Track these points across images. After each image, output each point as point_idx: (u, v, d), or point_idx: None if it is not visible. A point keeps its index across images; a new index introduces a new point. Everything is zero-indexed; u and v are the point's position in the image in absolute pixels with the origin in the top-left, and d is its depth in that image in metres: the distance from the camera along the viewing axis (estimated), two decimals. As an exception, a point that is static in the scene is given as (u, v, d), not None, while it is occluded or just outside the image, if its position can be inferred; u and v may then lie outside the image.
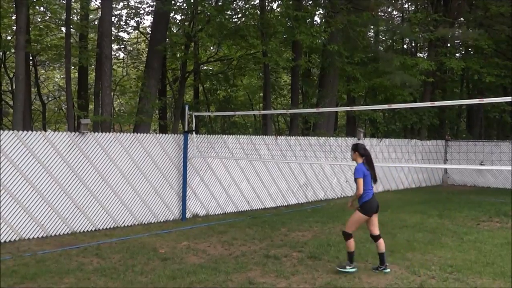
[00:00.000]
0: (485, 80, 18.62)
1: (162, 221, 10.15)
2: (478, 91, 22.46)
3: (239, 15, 15.94)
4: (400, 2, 21.80)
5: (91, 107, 18.01)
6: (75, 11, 16.27)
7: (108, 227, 9.28)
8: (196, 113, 11.74)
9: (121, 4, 17.09)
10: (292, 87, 18.15)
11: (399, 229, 9.37)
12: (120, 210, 9.51)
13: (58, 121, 24.23)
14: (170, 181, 10.34)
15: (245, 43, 15.78)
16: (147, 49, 16.50)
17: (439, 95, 20.79)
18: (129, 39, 21.60)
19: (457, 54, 22.70)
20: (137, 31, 20.16)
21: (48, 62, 20.18)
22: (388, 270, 6.41)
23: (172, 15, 16.20)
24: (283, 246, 7.85)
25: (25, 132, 8.31)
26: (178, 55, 17.68)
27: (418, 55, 23.69)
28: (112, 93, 16.22)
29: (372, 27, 19.65)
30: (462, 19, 21.68)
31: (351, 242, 6.35)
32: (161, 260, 6.92)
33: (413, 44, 24.52)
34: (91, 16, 18.79)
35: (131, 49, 21.77)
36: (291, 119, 17.48)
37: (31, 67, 16.00)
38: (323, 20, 18.27)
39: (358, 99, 21.72)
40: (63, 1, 15.72)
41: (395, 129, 21.58)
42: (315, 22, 19.33)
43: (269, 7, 17.42)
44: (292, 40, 16.07)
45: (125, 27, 18.34)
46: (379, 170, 15.78)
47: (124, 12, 17.40)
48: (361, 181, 6.25)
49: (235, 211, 11.58)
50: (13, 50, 14.04)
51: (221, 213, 11.30)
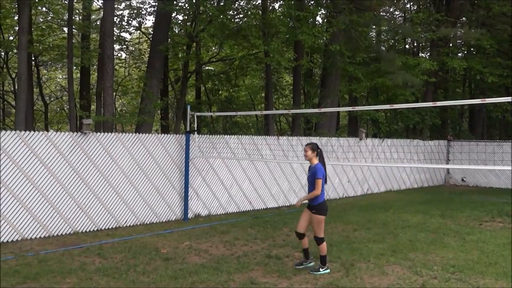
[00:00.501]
0: (487, 80, 18.59)
1: (164, 221, 10.16)
2: (480, 91, 22.42)
3: (241, 15, 15.96)
4: (402, 2, 21.77)
5: (93, 107, 18.06)
6: (77, 11, 16.30)
7: (110, 227, 9.29)
8: (198, 113, 11.74)
9: (123, 4, 17.15)
10: (294, 87, 18.18)
11: (401, 229, 9.37)
12: (122, 210, 9.53)
13: (60, 121, 24.27)
14: (172, 181, 10.35)
15: (247, 43, 15.80)
16: (149, 49, 16.55)
17: (441, 95, 20.75)
18: (131, 39, 21.64)
19: (459, 54, 22.66)
20: (139, 31, 20.19)
21: (50, 62, 20.23)
22: (313, 264, 6.61)
23: (174, 15, 16.25)
24: (285, 246, 7.85)
25: (27, 132, 8.32)
26: (180, 55, 17.71)
27: (420, 55, 23.66)
28: (114, 93, 16.28)
29: (374, 27, 19.59)
30: (464, 18, 21.66)
31: (324, 246, 6.41)
32: (163, 260, 6.93)
33: (415, 44, 24.49)
34: (93, 17, 18.85)
35: (133, 49, 21.82)
36: (293, 119, 17.50)
37: (33, 67, 16.03)
38: (325, 20, 18.27)
39: (360, 99, 21.69)
40: (65, 2, 15.75)
41: (397, 129, 21.57)
42: (317, 22, 19.32)
43: (271, 7, 17.44)
44: (294, 40, 16.08)
45: (127, 27, 18.41)
46: (381, 170, 15.83)
47: (126, 12, 17.48)
48: (321, 181, 6.28)
49: (237, 211, 11.59)
50: (15, 50, 14.11)
51: (223, 213, 11.31)
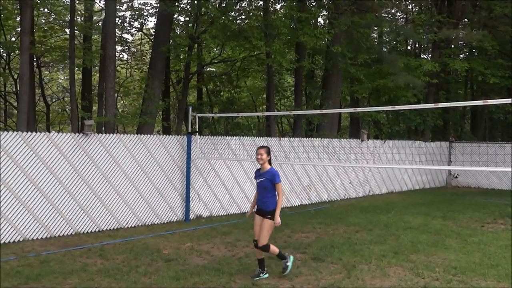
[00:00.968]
0: (489, 82, 18.56)
1: (165, 222, 10.16)
2: (482, 92, 22.40)
3: (243, 17, 15.97)
4: (404, 3, 21.76)
5: (95, 108, 18.07)
6: (79, 12, 16.35)
7: (111, 228, 9.29)
8: (200, 115, 11.73)
9: (125, 5, 17.16)
10: (295, 88, 18.17)
11: (403, 230, 9.35)
12: (124, 211, 9.53)
13: (62, 122, 24.31)
14: (173, 183, 10.35)
15: (248, 44, 15.80)
16: (150, 51, 16.55)
17: (443, 96, 20.73)
18: (132, 40, 21.67)
19: (461, 55, 22.64)
20: (140, 32, 20.22)
21: (52, 63, 20.25)
22: (267, 275, 6.15)
23: (175, 16, 16.25)
24: (287, 248, 7.83)
25: (29, 133, 8.34)
26: (182, 57, 17.71)
27: (422, 56, 23.64)
28: (116, 94, 16.28)
29: (375, 28, 19.62)
30: (466, 20, 21.62)
31: (273, 247, 6.06)
32: (164, 261, 6.93)
33: (417, 45, 24.49)
34: (95, 18, 18.87)
35: (135, 50, 21.85)
36: (294, 120, 17.50)
37: (35, 68, 16.07)
38: (327, 22, 18.27)
39: (362, 101, 21.69)
40: (67, 3, 15.78)
41: (399, 131, 21.55)
42: (318, 24, 19.33)
43: (272, 9, 17.44)
44: (296, 42, 16.08)
45: (129, 28, 18.46)
46: (383, 171, 15.80)
47: (128, 13, 17.49)
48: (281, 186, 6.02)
49: (239, 212, 11.57)
50: (17, 52, 14.12)
51: (224, 214, 11.30)
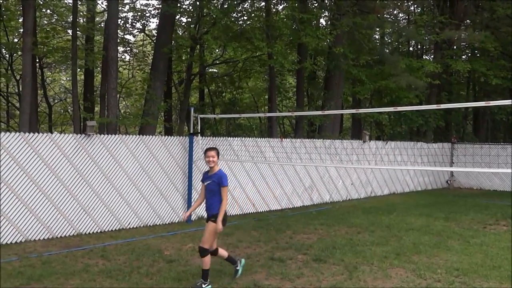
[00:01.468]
0: (491, 83, 18.54)
1: (167, 223, 10.17)
2: (484, 93, 22.37)
3: (245, 18, 15.98)
4: (406, 4, 21.75)
5: (97, 109, 18.10)
6: (81, 13, 16.33)
7: (113, 229, 9.30)
8: (202, 115, 11.75)
9: (127, 6, 17.19)
10: (297, 89, 18.17)
11: (405, 232, 9.34)
12: (126, 212, 9.54)
13: (64, 123, 24.36)
14: (175, 183, 10.36)
15: (250, 45, 15.81)
16: (152, 52, 16.57)
17: (445, 97, 20.71)
18: (135, 41, 21.70)
19: (463, 56, 22.60)
20: (143, 33, 20.25)
21: (54, 64, 20.31)
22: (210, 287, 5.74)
23: (177, 17, 16.28)
24: (288, 249, 7.83)
25: (31, 134, 8.35)
26: (184, 58, 17.74)
27: (424, 57, 23.63)
28: (118, 95, 16.30)
29: (377, 29, 19.60)
30: (468, 21, 21.59)
31: (208, 259, 5.69)
32: (166, 262, 6.93)
33: (419, 46, 24.47)
34: (97, 19, 18.89)
35: (137, 51, 21.87)
36: (296, 121, 17.49)
37: (37, 69, 16.09)
38: (329, 23, 18.28)
39: (364, 102, 21.67)
40: (70, 4, 15.82)
41: (400, 132, 21.53)
42: (320, 25, 19.33)
43: (274, 10, 17.45)
44: (298, 43, 16.07)
45: (131, 29, 18.48)
46: (385, 172, 15.78)
47: (130, 14, 17.53)
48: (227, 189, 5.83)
49: (240, 213, 11.58)
50: (20, 52, 14.15)
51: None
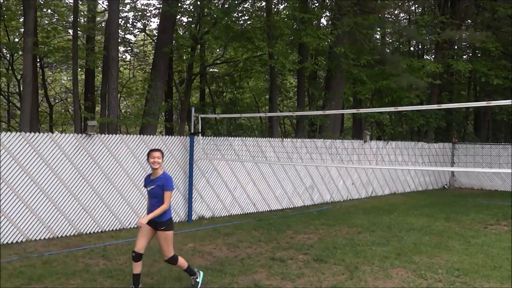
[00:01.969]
0: (492, 83, 18.51)
1: (168, 223, 10.16)
2: (486, 93, 22.33)
3: (246, 17, 15.98)
4: (407, 4, 21.72)
5: (97, 109, 18.09)
6: (82, 13, 16.34)
7: (114, 229, 9.30)
8: (202, 115, 11.75)
9: (128, 6, 17.19)
10: (298, 89, 18.16)
11: (406, 232, 9.33)
12: (126, 212, 9.54)
13: (65, 122, 24.34)
14: (176, 183, 10.34)
15: (251, 45, 15.80)
16: (153, 51, 16.57)
17: (446, 97, 20.68)
18: (135, 41, 21.70)
19: (464, 56, 22.59)
20: (143, 33, 20.25)
21: (55, 64, 20.30)
22: (201, 274, 5.81)
23: (178, 17, 16.27)
24: (289, 249, 7.83)
25: (32, 133, 8.36)
26: (185, 57, 17.74)
27: (425, 57, 23.59)
28: (119, 95, 16.29)
29: (378, 29, 19.57)
30: (469, 21, 21.57)
31: (181, 260, 5.64)
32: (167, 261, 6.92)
33: (420, 46, 24.43)
34: (98, 19, 18.89)
35: (138, 51, 21.87)
36: (297, 121, 17.48)
37: (38, 69, 16.07)
38: (330, 22, 18.26)
39: (365, 102, 21.65)
40: (70, 3, 15.83)
41: (401, 132, 21.51)
42: (321, 25, 19.32)
43: (275, 9, 17.44)
44: (299, 42, 16.06)
45: (131, 29, 18.45)
46: (386, 172, 15.77)
47: (131, 14, 17.51)
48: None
49: (241, 213, 11.58)
50: (20, 52, 14.15)
51: (227, 215, 11.30)
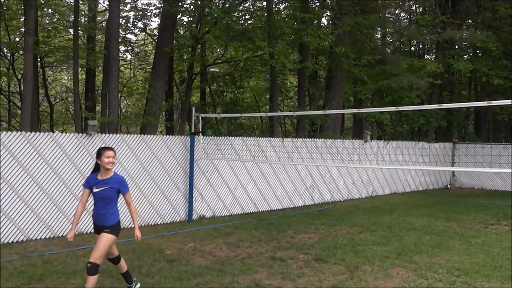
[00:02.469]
0: (493, 82, 18.49)
1: (168, 222, 10.17)
2: (486, 93, 22.31)
3: (246, 17, 15.97)
4: (407, 4, 21.71)
5: (98, 108, 18.08)
6: (83, 13, 16.34)
7: (114, 228, 9.30)
8: (203, 115, 11.76)
9: (128, 6, 17.18)
10: (298, 89, 18.15)
11: (406, 231, 9.33)
12: (127, 212, 9.50)
13: (65, 122, 24.31)
14: (176, 183, 10.36)
15: (252, 45, 15.78)
16: (154, 51, 16.57)
17: (446, 97, 20.66)
18: (136, 41, 21.70)
19: (465, 56, 22.56)
20: (144, 33, 20.25)
21: (56, 63, 20.29)
22: (139, 285, 5.58)
23: (179, 17, 16.26)
24: (290, 248, 7.83)
25: (32, 133, 8.36)
26: (185, 57, 17.74)
27: (425, 57, 23.57)
28: (119, 95, 16.28)
29: (379, 29, 19.56)
30: (470, 21, 21.56)
31: (123, 263, 5.40)
32: (167, 261, 6.93)
33: (420, 46, 24.42)
34: (98, 18, 18.89)
35: (138, 50, 21.87)
36: (297, 121, 17.47)
37: (39, 68, 16.07)
38: (330, 22, 18.24)
39: (365, 101, 21.64)
40: (71, 3, 15.82)
41: (402, 131, 21.50)
42: (322, 24, 19.30)
43: (276, 9, 17.43)
44: (299, 42, 16.06)
45: (132, 29, 18.46)
46: (386, 172, 15.77)
47: (131, 14, 17.50)
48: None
49: (241, 213, 11.58)
50: (21, 52, 14.16)
51: (227, 215, 11.30)
